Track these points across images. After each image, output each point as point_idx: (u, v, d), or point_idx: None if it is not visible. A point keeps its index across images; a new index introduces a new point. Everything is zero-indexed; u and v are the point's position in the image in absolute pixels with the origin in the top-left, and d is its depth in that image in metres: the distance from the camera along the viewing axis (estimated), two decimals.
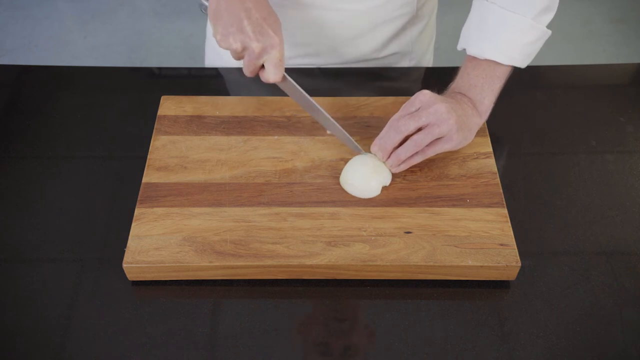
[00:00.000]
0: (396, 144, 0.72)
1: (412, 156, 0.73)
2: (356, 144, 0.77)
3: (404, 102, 0.74)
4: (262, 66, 0.72)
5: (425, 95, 0.72)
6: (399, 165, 0.73)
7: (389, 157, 0.73)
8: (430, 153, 0.73)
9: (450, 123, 0.71)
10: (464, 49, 0.79)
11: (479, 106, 0.77)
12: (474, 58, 0.77)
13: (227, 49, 0.70)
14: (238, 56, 0.72)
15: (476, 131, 0.77)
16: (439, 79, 0.80)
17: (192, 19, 2.42)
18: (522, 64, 0.77)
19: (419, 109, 0.72)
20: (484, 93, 0.76)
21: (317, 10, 0.89)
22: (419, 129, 0.72)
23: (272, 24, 0.70)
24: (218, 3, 0.69)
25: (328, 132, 0.80)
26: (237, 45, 0.69)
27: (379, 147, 0.73)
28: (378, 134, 0.80)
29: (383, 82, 0.95)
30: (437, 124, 0.71)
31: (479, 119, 0.77)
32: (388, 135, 0.72)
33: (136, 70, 1.07)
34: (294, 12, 0.90)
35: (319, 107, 0.76)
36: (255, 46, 0.69)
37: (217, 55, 1.01)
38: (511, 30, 0.74)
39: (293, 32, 0.92)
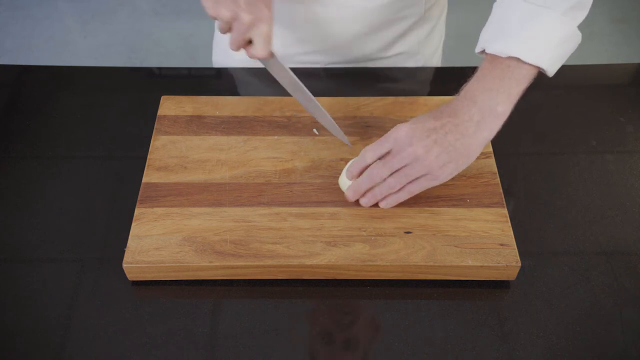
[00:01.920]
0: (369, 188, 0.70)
1: (395, 194, 0.70)
2: (343, 134, 0.75)
3: (404, 102, 0.74)
4: (250, 42, 0.70)
5: (399, 132, 0.66)
6: (382, 203, 0.71)
7: (363, 196, 0.71)
8: (417, 190, 0.69)
9: (427, 164, 0.65)
10: (483, 52, 0.69)
11: (488, 116, 0.66)
12: (494, 58, 0.66)
13: (215, 17, 0.68)
14: (227, 27, 0.70)
15: (483, 147, 0.68)
16: (445, 80, 0.80)
17: (192, 19, 2.42)
18: (550, 67, 0.65)
19: (390, 150, 0.67)
20: (499, 98, 0.65)
21: (322, 6, 0.89)
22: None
23: None
24: None
25: (316, 118, 0.78)
26: (227, 14, 0.67)
27: (353, 190, 0.70)
28: (378, 134, 0.80)
29: (389, 83, 0.94)
30: (412, 167, 0.66)
31: (487, 133, 0.67)
32: (362, 181, 0.69)
33: (136, 70, 1.07)
34: (299, 7, 0.90)
35: (307, 91, 0.74)
36: (245, 17, 0.67)
37: (225, 54, 1.01)
38: (538, 25, 0.64)
39: (297, 27, 0.92)
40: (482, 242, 0.69)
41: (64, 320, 0.66)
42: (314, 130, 0.81)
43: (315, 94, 0.86)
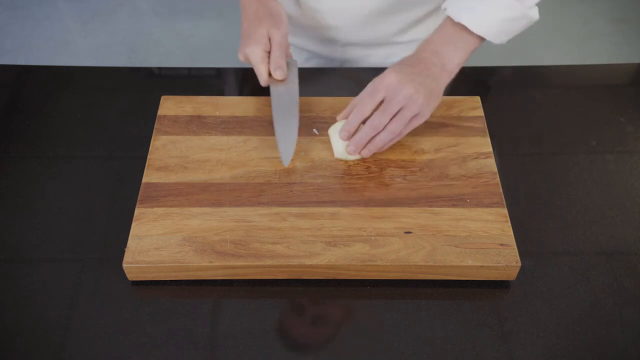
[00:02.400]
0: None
1: (392, 138, 0.74)
2: (290, 154, 0.76)
3: None
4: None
5: (390, 79, 0.72)
6: (374, 149, 0.74)
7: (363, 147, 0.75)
8: (406, 132, 0.74)
9: (420, 103, 0.71)
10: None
11: (448, 65, 0.76)
12: (452, 18, 0.77)
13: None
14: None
15: (443, 90, 0.77)
16: (455, 79, 0.80)
17: (192, 19, 2.41)
18: (496, 39, 0.77)
19: (385, 97, 0.72)
20: (457, 52, 0.76)
21: None
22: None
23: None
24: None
25: (276, 133, 0.78)
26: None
27: (355, 145, 0.74)
28: None
29: None
30: (409, 107, 0.71)
31: (447, 78, 0.77)
32: (365, 133, 0.73)
33: (136, 70, 1.07)
34: None
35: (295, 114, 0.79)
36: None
37: None
38: (491, 2, 0.74)
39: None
40: (482, 242, 0.69)
41: (64, 320, 0.66)
42: (314, 130, 0.81)
43: (317, 94, 0.87)
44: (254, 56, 0.78)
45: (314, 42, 1.02)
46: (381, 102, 0.73)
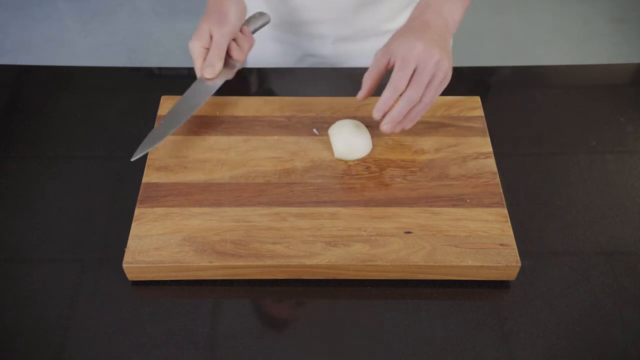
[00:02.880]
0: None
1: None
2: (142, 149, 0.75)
3: None
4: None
5: (417, 49, 0.70)
6: (409, 123, 0.73)
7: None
8: (434, 100, 0.73)
9: (447, 67, 0.70)
10: None
11: (451, 23, 0.76)
12: None
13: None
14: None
15: None
16: (455, 79, 0.80)
17: (192, 19, 2.41)
18: None
19: (416, 68, 0.70)
20: (456, 9, 0.76)
21: None
22: None
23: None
24: None
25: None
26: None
27: (392, 122, 0.71)
28: (378, 134, 0.80)
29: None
30: (437, 75, 0.70)
31: (450, 37, 0.76)
32: (401, 108, 0.70)
33: (136, 70, 1.07)
34: None
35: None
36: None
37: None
38: None
39: None
40: (482, 242, 0.69)
41: (64, 320, 0.66)
42: (314, 130, 0.81)
43: (316, 94, 0.87)
44: (192, 50, 0.78)
45: (305, 39, 1.02)
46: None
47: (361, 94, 0.73)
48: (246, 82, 0.94)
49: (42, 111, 0.89)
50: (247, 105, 0.84)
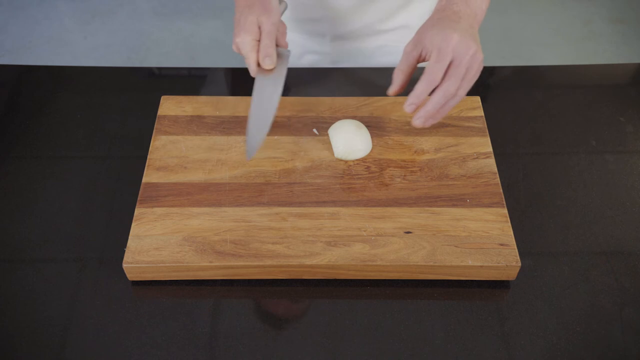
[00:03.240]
0: None
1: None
2: (255, 148, 0.75)
3: (404, 103, 0.73)
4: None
5: (453, 41, 0.67)
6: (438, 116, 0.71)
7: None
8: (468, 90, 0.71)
9: (481, 58, 0.68)
10: None
11: (479, 13, 0.74)
12: None
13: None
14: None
15: None
16: None
17: (192, 19, 2.41)
18: None
19: (453, 60, 0.67)
20: (479, 2, 0.74)
21: None
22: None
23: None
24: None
25: (249, 126, 0.76)
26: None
27: (426, 117, 0.69)
28: (378, 134, 0.80)
29: (389, 83, 0.94)
30: (472, 66, 0.68)
31: (477, 27, 0.74)
32: (436, 101, 0.68)
33: (136, 70, 1.07)
34: None
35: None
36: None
37: None
38: None
39: None
40: (482, 242, 0.69)
41: (64, 320, 0.66)
42: (314, 130, 0.81)
43: (317, 94, 0.87)
44: (243, 45, 0.74)
45: (305, 37, 1.02)
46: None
47: (392, 89, 0.71)
48: (246, 82, 0.94)
49: (42, 111, 0.89)
50: (247, 105, 0.84)
